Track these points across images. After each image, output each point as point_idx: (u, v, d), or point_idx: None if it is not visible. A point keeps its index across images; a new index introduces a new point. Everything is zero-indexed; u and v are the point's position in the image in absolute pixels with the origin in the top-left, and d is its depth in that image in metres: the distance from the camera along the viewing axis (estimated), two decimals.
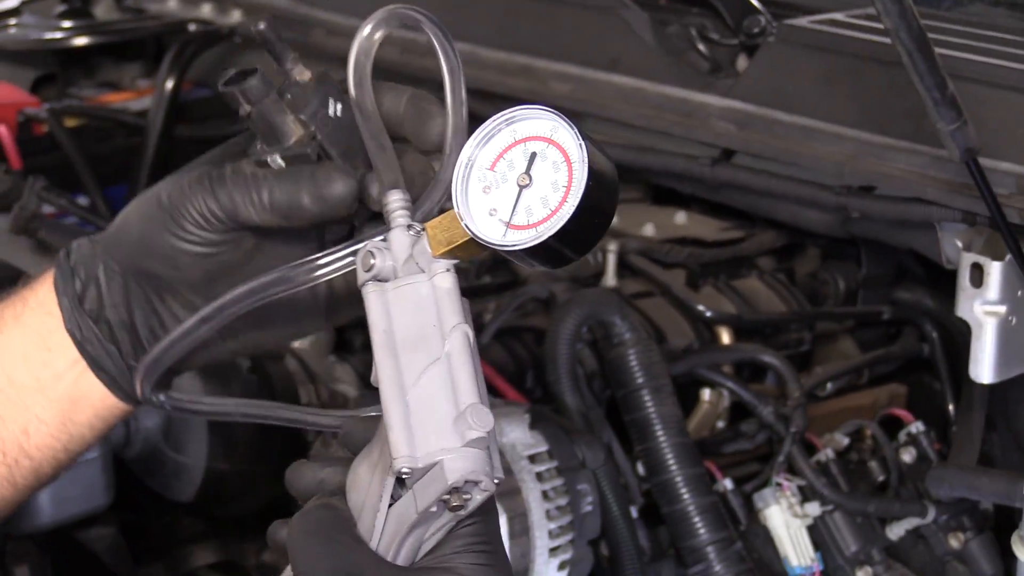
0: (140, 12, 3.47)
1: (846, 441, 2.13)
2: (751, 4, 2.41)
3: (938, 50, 1.67)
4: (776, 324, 2.34)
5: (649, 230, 2.49)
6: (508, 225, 1.12)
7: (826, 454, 2.08)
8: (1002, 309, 1.86)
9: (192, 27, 3.28)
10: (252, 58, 3.26)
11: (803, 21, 2.33)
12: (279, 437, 2.14)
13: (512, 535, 1.86)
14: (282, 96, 1.32)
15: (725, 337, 2.26)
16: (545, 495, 1.90)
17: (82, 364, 1.38)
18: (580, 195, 1.09)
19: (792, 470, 2.05)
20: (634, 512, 2.00)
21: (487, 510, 1.17)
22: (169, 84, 3.13)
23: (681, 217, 2.54)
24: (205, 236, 1.34)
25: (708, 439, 2.14)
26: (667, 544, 2.03)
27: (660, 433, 1.98)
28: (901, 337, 2.35)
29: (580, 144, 1.10)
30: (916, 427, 2.12)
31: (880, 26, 1.63)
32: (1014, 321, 1.87)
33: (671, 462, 1.97)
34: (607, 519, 1.96)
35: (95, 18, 3.48)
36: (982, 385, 1.94)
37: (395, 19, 1.29)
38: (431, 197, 1.23)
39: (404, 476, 1.12)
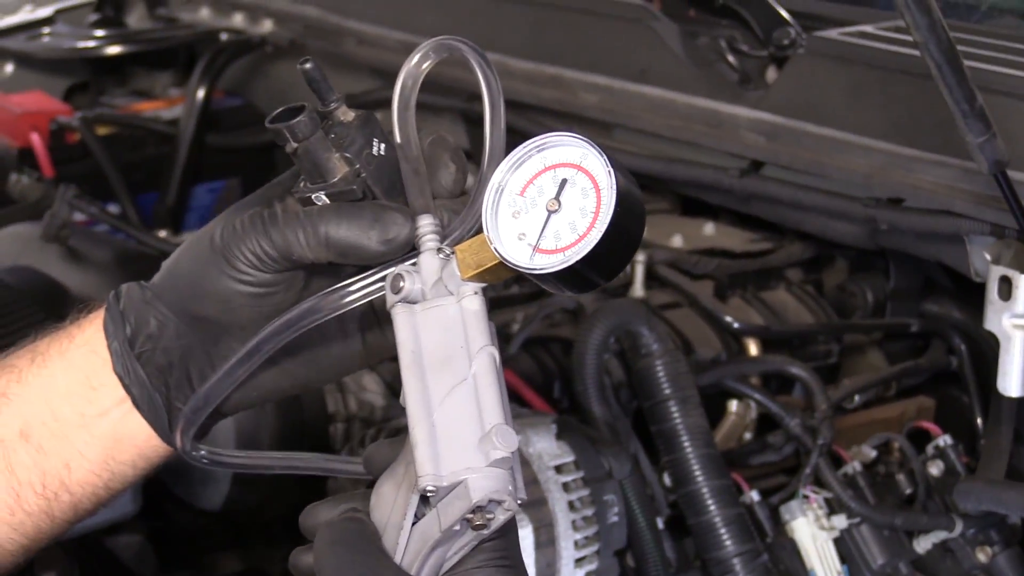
0: (172, 21, 3.49)
1: (873, 454, 2.13)
2: (781, 16, 2.41)
3: (967, 63, 1.66)
4: (804, 336, 2.34)
5: (677, 241, 2.49)
6: (536, 249, 1.14)
7: (853, 467, 2.07)
8: None
9: (224, 36, 3.30)
10: (283, 68, 3.27)
11: (833, 33, 2.33)
12: (305, 447, 2.14)
13: (538, 545, 1.86)
14: (327, 134, 1.32)
15: (753, 349, 2.26)
16: (571, 505, 1.90)
17: (128, 404, 1.37)
18: (608, 221, 1.10)
19: (819, 482, 2.05)
20: (660, 523, 2.00)
21: (508, 528, 1.17)
22: (200, 93, 3.16)
23: (709, 228, 2.54)
24: (259, 276, 1.33)
25: (735, 451, 2.14)
26: (693, 555, 2.03)
27: (687, 444, 1.98)
28: (929, 350, 2.34)
29: (609, 171, 1.11)
30: (944, 440, 2.11)
31: (909, 39, 1.63)
32: None
33: (697, 473, 1.97)
34: (633, 530, 1.96)
35: (128, 27, 3.50)
36: (1011, 398, 1.93)
37: (442, 49, 1.29)
38: (463, 222, 1.23)
39: (429, 494, 1.13)
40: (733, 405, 2.19)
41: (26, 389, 1.37)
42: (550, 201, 1.14)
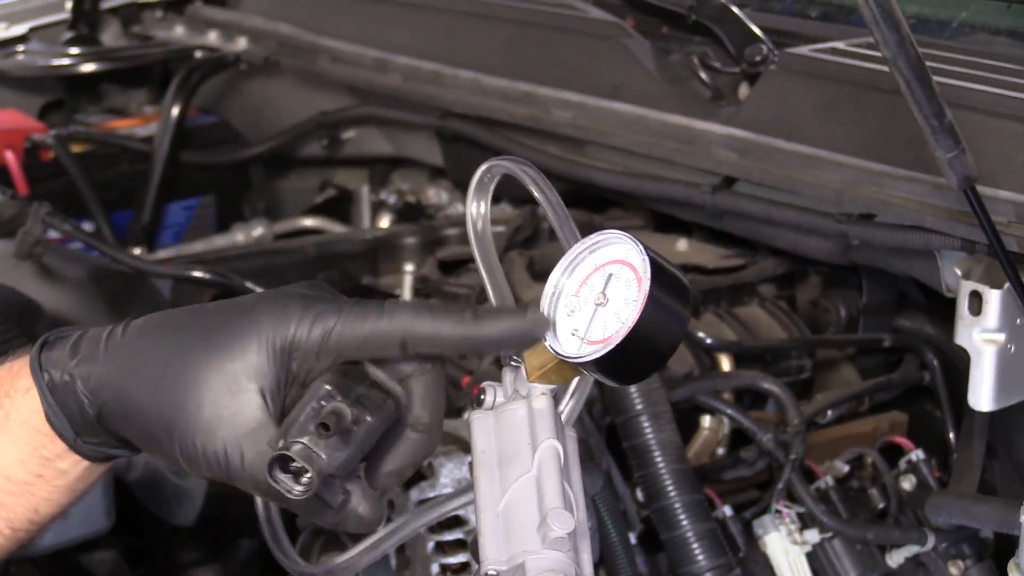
0: (147, 39, 3.49)
1: (846, 468, 2.14)
2: (753, 33, 2.42)
3: (938, 79, 1.67)
4: (777, 351, 2.35)
5: None
6: (585, 340, 1.20)
7: (826, 481, 2.08)
8: (1001, 337, 1.86)
9: (198, 54, 3.30)
10: (257, 86, 3.28)
11: (804, 50, 2.34)
12: None
13: None
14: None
15: (725, 364, 2.26)
16: None
17: (85, 463, 1.36)
18: (643, 302, 1.16)
19: (792, 497, 2.05)
20: (633, 538, 2.01)
21: None
22: (175, 110, 3.15)
23: (682, 244, 2.54)
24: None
25: (708, 466, 2.15)
26: (666, 570, 2.04)
27: (659, 459, 1.98)
28: (902, 365, 2.34)
29: (644, 258, 1.17)
30: (916, 455, 2.12)
31: (880, 55, 1.63)
32: (1013, 349, 1.87)
33: (670, 488, 1.97)
34: (606, 545, 1.97)
35: (102, 45, 3.50)
36: (982, 413, 1.93)
37: (494, 172, 1.33)
38: None
39: None
40: (706, 420, 2.19)
41: None
42: (597, 295, 1.20)
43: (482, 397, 1.28)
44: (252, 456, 1.24)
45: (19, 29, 3.44)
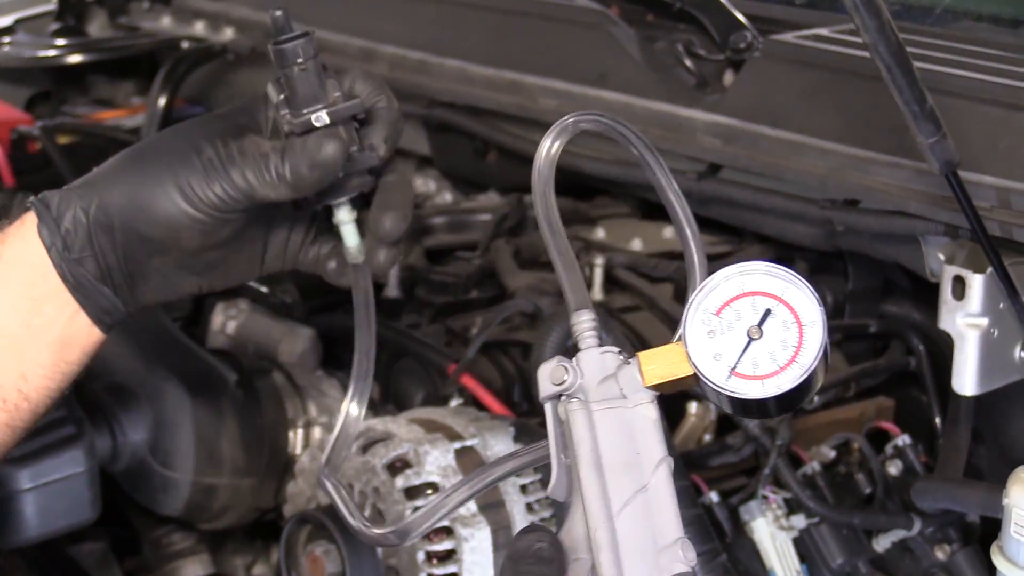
0: (134, 30, 3.48)
1: (833, 454, 2.14)
2: (737, 20, 2.43)
3: (921, 65, 1.67)
4: None
5: (637, 244, 2.50)
6: (732, 372, 1.17)
7: (812, 467, 2.09)
8: (984, 321, 1.86)
9: (185, 44, 3.29)
10: (244, 76, 3.27)
11: (788, 36, 2.34)
12: (264, 452, 2.15)
13: (496, 547, 1.86)
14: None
15: None
16: (529, 507, 1.91)
17: (71, 308, 1.43)
18: (815, 360, 1.15)
19: (778, 483, 2.05)
20: None
21: None
22: (162, 101, 3.15)
23: (669, 232, 2.54)
24: (215, 214, 1.40)
25: (694, 452, 2.15)
26: None
27: None
28: (888, 350, 2.34)
29: (819, 309, 1.17)
30: (903, 440, 2.12)
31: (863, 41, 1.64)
32: (996, 333, 1.87)
33: None
34: None
35: (89, 36, 3.49)
36: (968, 398, 1.94)
37: (575, 127, 1.35)
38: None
39: None
40: (692, 407, 2.20)
41: None
42: (752, 328, 1.17)
43: (563, 377, 1.20)
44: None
45: (5, 20, 3.44)
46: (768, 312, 1.17)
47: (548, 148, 1.32)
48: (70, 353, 1.45)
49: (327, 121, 1.38)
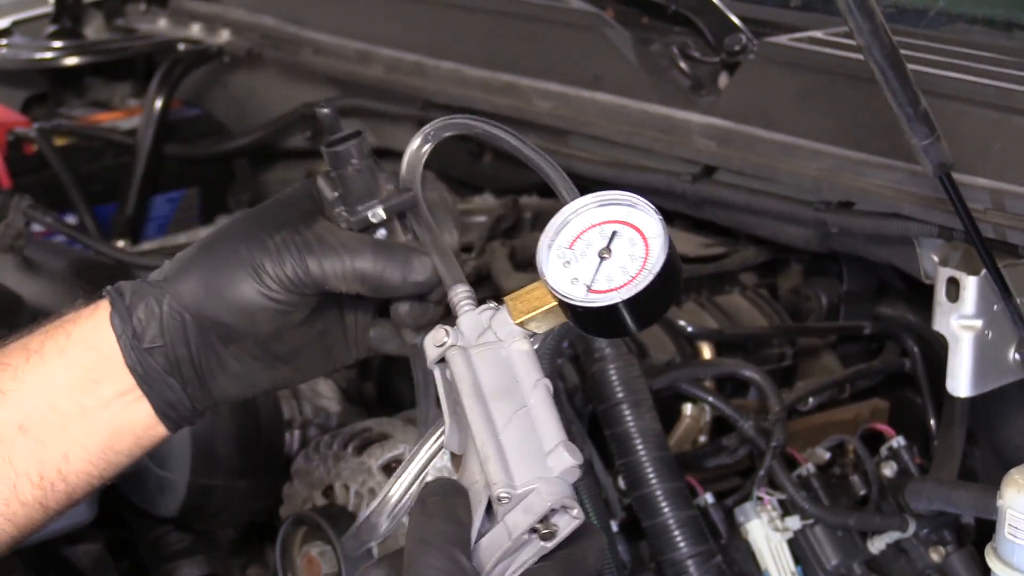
0: (130, 32, 3.49)
1: (828, 455, 2.14)
2: (732, 22, 2.43)
3: (915, 67, 1.68)
4: (758, 339, 2.35)
5: None
6: (590, 289, 1.27)
7: (807, 468, 2.09)
8: (978, 323, 1.86)
9: (181, 47, 3.29)
10: (240, 78, 3.28)
11: (783, 39, 2.34)
12: (261, 453, 2.15)
13: None
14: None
15: (707, 352, 2.27)
16: None
17: (130, 395, 1.42)
18: (661, 262, 1.25)
19: (773, 484, 2.06)
20: (615, 526, 2.01)
21: (573, 540, 1.22)
22: (158, 103, 3.16)
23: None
24: (287, 296, 1.40)
25: (690, 453, 2.15)
26: (648, 558, 2.04)
27: (640, 447, 1.99)
28: (883, 352, 2.35)
29: (659, 222, 1.28)
30: (897, 441, 2.13)
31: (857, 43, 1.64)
32: (990, 335, 1.88)
33: (651, 476, 1.98)
34: None
35: (85, 38, 3.50)
36: (963, 399, 1.94)
37: (444, 130, 1.44)
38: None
39: (503, 501, 1.19)
40: (687, 408, 2.20)
41: (23, 385, 1.41)
42: (602, 250, 1.28)
43: (444, 340, 1.29)
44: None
45: (2, 22, 3.44)
46: (615, 234, 1.29)
47: (416, 149, 1.44)
48: (120, 442, 1.44)
49: (383, 217, 1.40)
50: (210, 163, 3.27)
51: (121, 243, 3.00)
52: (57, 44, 3.38)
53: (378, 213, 1.39)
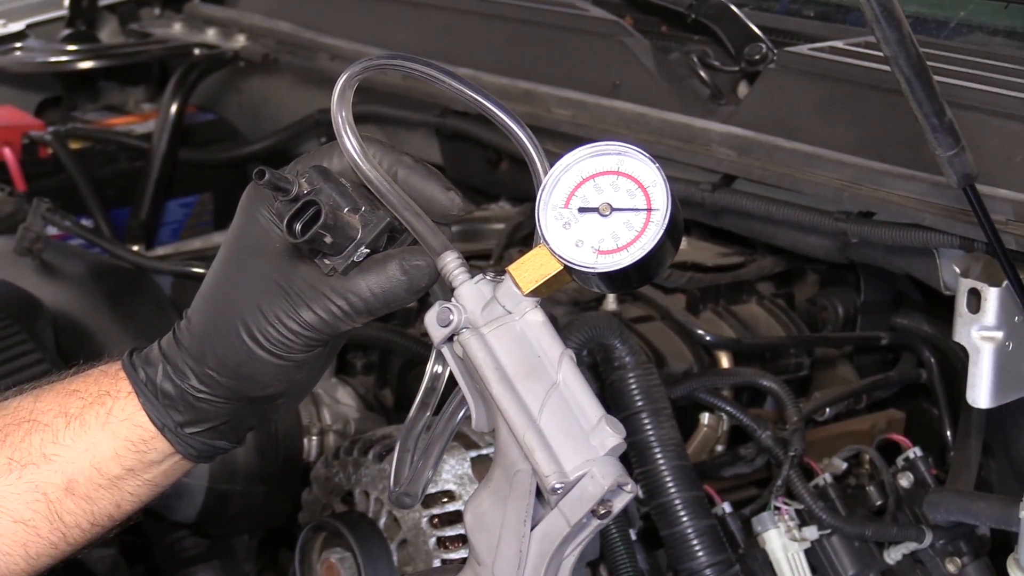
0: (145, 36, 3.49)
1: (844, 466, 2.14)
2: (752, 31, 2.43)
3: (937, 78, 1.67)
4: (775, 349, 2.35)
5: None
6: (598, 252, 1.21)
7: (824, 478, 2.09)
8: (999, 335, 1.86)
9: (197, 51, 3.30)
10: (255, 83, 3.28)
11: (803, 48, 2.34)
12: (279, 459, 2.15)
13: None
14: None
15: (724, 361, 2.27)
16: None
17: (177, 458, 1.41)
18: (666, 213, 1.20)
19: (790, 494, 2.06)
20: (633, 535, 2.01)
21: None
22: (173, 108, 3.16)
23: (682, 243, 2.55)
24: (303, 356, 1.35)
25: (707, 462, 2.16)
26: (666, 567, 2.04)
27: (659, 456, 1.99)
28: (899, 363, 2.35)
29: (655, 167, 1.21)
30: (914, 452, 2.13)
31: (879, 54, 1.64)
32: (1011, 347, 1.87)
33: (670, 485, 1.98)
34: (606, 541, 1.97)
35: (100, 42, 3.50)
36: (979, 411, 1.94)
37: (361, 72, 1.36)
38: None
39: (558, 491, 1.18)
40: (705, 417, 2.20)
41: (67, 451, 1.40)
42: (602, 206, 1.22)
43: (449, 318, 1.24)
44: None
45: (17, 26, 3.44)
46: (611, 186, 1.23)
47: (339, 91, 1.36)
48: (167, 479, 1.44)
49: (368, 252, 1.35)
50: (224, 168, 3.27)
51: (135, 248, 2.99)
52: (72, 48, 3.38)
53: (362, 253, 1.35)
